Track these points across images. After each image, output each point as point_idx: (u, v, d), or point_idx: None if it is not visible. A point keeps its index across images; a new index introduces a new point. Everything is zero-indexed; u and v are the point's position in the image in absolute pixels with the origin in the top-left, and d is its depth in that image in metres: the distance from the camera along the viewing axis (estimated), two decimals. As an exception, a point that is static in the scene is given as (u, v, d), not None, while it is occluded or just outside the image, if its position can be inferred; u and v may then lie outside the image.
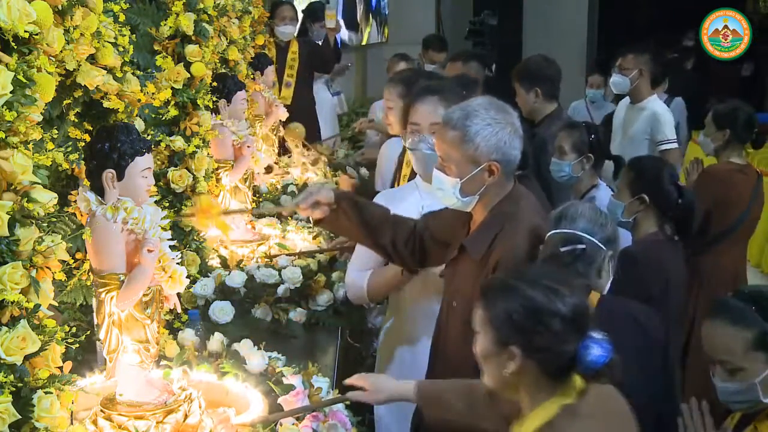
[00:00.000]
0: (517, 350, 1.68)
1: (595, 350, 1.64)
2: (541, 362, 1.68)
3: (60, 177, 2.16)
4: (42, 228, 1.68)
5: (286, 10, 5.74)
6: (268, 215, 3.85)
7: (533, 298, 1.68)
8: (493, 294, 1.75)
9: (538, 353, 1.67)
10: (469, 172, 2.22)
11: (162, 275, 2.15)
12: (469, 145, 2.19)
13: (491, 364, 1.74)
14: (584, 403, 1.70)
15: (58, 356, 1.72)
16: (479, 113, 2.20)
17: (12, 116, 1.56)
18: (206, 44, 3.11)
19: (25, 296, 1.62)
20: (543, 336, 1.66)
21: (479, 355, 1.77)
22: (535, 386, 1.72)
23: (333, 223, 2.54)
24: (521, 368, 1.69)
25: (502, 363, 1.70)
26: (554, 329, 1.66)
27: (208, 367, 2.46)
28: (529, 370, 1.69)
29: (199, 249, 3.17)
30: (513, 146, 2.22)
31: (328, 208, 2.48)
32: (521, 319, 1.67)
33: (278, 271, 3.19)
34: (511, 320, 1.68)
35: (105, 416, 2.11)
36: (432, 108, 2.67)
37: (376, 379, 2.22)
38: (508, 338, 1.69)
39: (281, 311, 3.06)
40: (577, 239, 2.28)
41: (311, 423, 2.19)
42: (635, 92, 4.81)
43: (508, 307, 1.69)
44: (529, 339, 1.67)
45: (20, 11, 1.59)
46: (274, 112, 4.63)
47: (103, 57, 1.98)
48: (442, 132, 2.25)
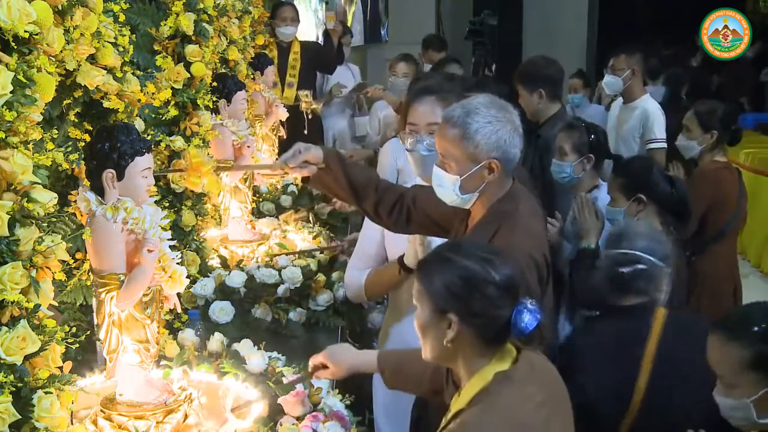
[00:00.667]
0: (454, 317, 1.77)
1: (526, 315, 1.74)
2: (477, 327, 1.77)
3: (60, 177, 2.16)
4: (42, 228, 1.68)
5: (288, 10, 5.73)
6: (256, 170, 3.80)
7: (468, 268, 1.77)
8: (430, 267, 1.83)
9: (474, 318, 1.76)
10: (468, 170, 2.22)
11: (162, 275, 2.15)
12: (469, 143, 2.20)
13: (431, 335, 1.82)
14: (517, 369, 1.79)
15: (58, 356, 1.72)
16: (480, 111, 2.20)
17: (12, 116, 1.56)
18: (206, 44, 3.11)
19: (25, 296, 1.62)
20: (479, 302, 1.75)
21: (419, 327, 1.85)
22: (471, 353, 1.80)
23: (320, 182, 2.57)
24: (459, 335, 1.77)
25: (442, 332, 1.78)
26: (489, 295, 1.75)
27: (208, 367, 2.46)
28: (467, 336, 1.77)
29: (199, 249, 3.17)
30: (513, 144, 2.23)
31: (316, 167, 2.51)
32: (457, 288, 1.76)
33: (278, 271, 3.19)
34: (448, 290, 1.77)
35: (105, 416, 2.11)
36: (429, 108, 2.67)
37: (334, 352, 2.28)
38: (446, 307, 1.77)
39: (281, 311, 3.06)
40: (636, 259, 2.30)
41: (311, 423, 2.19)
42: (628, 92, 4.86)
43: (445, 278, 1.78)
44: (466, 305, 1.76)
45: (20, 11, 1.59)
46: (274, 112, 4.63)
47: (103, 57, 1.98)
48: (443, 129, 2.25)
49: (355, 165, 2.65)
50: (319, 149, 2.54)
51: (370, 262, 2.80)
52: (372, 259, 2.80)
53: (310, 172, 2.52)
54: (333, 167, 2.53)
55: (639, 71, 4.84)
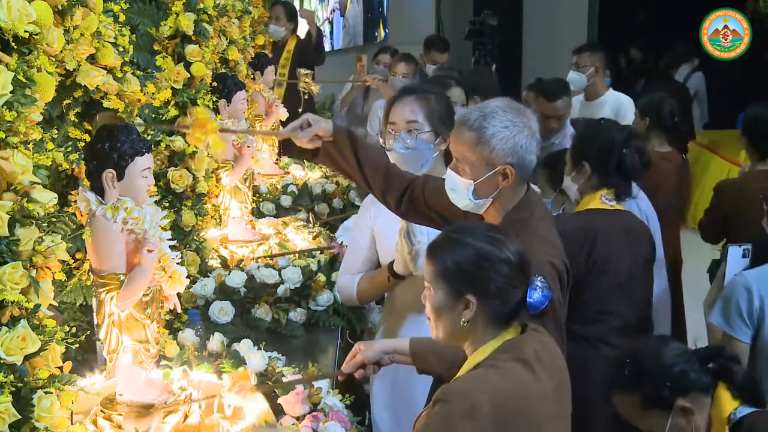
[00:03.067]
0: (473, 298, 1.78)
1: (539, 292, 1.78)
2: (494, 306, 1.79)
3: (60, 177, 2.17)
4: (42, 228, 1.68)
5: (276, 9, 5.79)
6: (261, 135, 3.74)
7: (482, 248, 1.79)
8: (442, 250, 1.84)
9: (493, 298, 1.78)
10: (483, 174, 2.18)
11: (162, 275, 2.15)
12: (485, 147, 2.15)
13: (446, 317, 1.83)
14: (524, 339, 1.82)
15: (58, 356, 1.72)
16: (497, 115, 2.16)
17: (12, 116, 1.56)
18: (206, 44, 3.11)
19: (25, 296, 1.62)
20: (496, 281, 1.78)
21: (432, 310, 1.86)
22: (483, 332, 1.82)
23: (327, 157, 2.48)
24: (476, 316, 1.79)
25: (458, 313, 1.80)
26: (505, 273, 1.78)
27: (208, 367, 2.46)
28: (482, 316, 1.80)
29: (199, 249, 3.17)
30: (529, 150, 2.19)
31: (322, 141, 2.42)
32: (473, 268, 1.78)
33: (278, 271, 3.19)
34: (463, 271, 1.79)
35: (105, 416, 2.11)
36: (408, 107, 2.67)
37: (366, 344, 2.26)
38: (462, 288, 1.79)
39: (281, 311, 3.06)
40: None
41: (311, 423, 2.20)
42: (591, 89, 5.00)
43: (458, 259, 1.80)
44: (484, 285, 1.78)
45: (20, 11, 1.59)
46: (274, 112, 4.63)
47: (103, 57, 1.98)
48: (458, 132, 2.21)
49: (365, 145, 2.54)
50: (329, 122, 2.45)
51: (361, 267, 2.80)
52: (363, 263, 2.79)
53: (315, 146, 2.42)
54: (342, 144, 2.44)
55: (602, 68, 5.02)
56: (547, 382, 1.79)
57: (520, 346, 1.80)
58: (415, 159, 2.66)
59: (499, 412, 1.70)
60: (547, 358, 1.83)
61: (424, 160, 2.67)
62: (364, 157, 2.46)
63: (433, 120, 2.68)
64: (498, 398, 1.71)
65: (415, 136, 2.66)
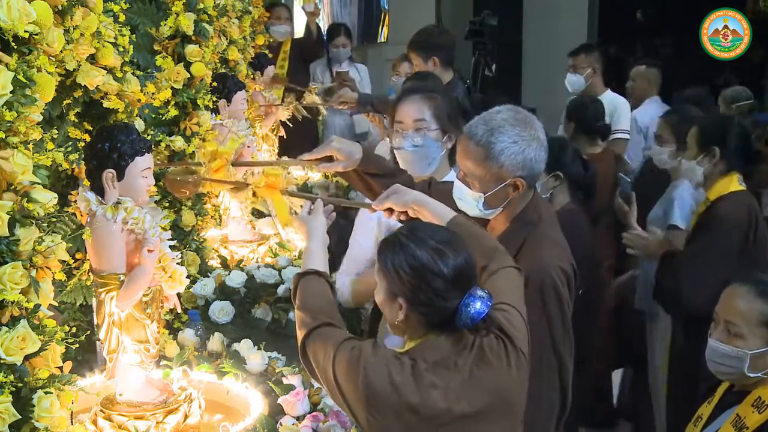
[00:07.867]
0: (403, 302, 1.80)
1: (476, 305, 1.75)
2: (424, 315, 1.80)
3: (60, 177, 2.17)
4: (42, 228, 1.68)
5: (281, 9, 5.82)
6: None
7: (418, 257, 1.79)
8: (387, 249, 1.85)
9: (421, 306, 1.79)
10: (493, 188, 2.16)
11: (162, 275, 2.15)
12: (494, 163, 2.13)
13: (386, 310, 1.87)
14: (441, 344, 1.80)
15: (58, 356, 1.72)
16: (505, 129, 2.13)
17: (12, 116, 1.56)
18: (206, 44, 3.11)
19: (25, 296, 1.62)
20: (425, 293, 1.77)
21: (377, 302, 1.89)
22: (418, 333, 1.83)
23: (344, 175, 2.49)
24: (408, 318, 1.81)
25: (394, 312, 1.83)
26: (436, 287, 1.77)
27: (208, 367, 2.46)
28: (415, 320, 1.81)
29: (199, 249, 3.17)
30: (539, 160, 2.17)
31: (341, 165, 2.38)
32: (407, 275, 1.79)
33: (278, 271, 3.19)
34: (398, 275, 1.80)
35: (105, 416, 2.11)
36: (415, 106, 2.67)
37: (400, 189, 2.19)
38: (396, 290, 1.81)
39: (281, 311, 3.05)
40: None
41: (311, 423, 2.20)
42: (590, 89, 5.04)
43: (396, 263, 1.81)
44: (412, 293, 1.79)
45: (20, 11, 1.59)
46: (274, 112, 4.63)
47: (103, 57, 1.99)
48: (465, 146, 2.18)
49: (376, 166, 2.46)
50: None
51: (360, 268, 2.79)
52: (363, 264, 2.78)
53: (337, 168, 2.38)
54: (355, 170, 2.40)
55: (599, 69, 5.07)
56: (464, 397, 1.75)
57: (438, 348, 1.78)
58: (423, 157, 2.66)
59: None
60: (468, 374, 1.77)
61: (431, 158, 2.67)
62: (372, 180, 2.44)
63: (440, 118, 2.69)
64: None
65: (424, 134, 2.66)
